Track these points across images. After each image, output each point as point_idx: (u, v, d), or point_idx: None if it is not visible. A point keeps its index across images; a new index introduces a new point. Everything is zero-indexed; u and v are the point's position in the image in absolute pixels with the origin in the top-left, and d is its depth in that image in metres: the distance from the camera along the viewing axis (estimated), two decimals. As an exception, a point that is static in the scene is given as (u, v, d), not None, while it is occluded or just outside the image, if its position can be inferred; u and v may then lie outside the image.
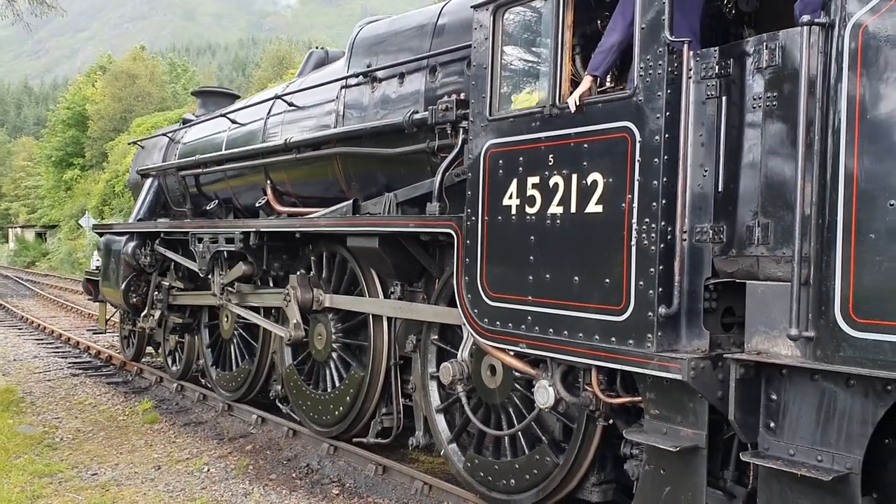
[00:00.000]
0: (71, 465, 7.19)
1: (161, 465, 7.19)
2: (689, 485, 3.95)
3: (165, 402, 9.86)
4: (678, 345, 3.89)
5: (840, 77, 3.26)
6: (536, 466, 5.13)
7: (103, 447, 7.83)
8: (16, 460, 7.22)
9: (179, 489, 6.53)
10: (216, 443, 7.95)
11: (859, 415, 3.32)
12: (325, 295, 7.10)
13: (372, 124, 6.47)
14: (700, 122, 3.92)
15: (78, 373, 11.88)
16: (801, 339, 3.35)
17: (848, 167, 3.21)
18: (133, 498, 6.28)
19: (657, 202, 3.87)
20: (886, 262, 3.09)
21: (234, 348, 8.95)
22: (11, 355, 13.57)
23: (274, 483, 6.66)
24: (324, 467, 6.99)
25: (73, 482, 6.69)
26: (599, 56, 4.31)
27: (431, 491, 6.00)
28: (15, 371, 11.99)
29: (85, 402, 9.95)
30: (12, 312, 21.23)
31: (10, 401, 9.54)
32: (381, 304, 6.52)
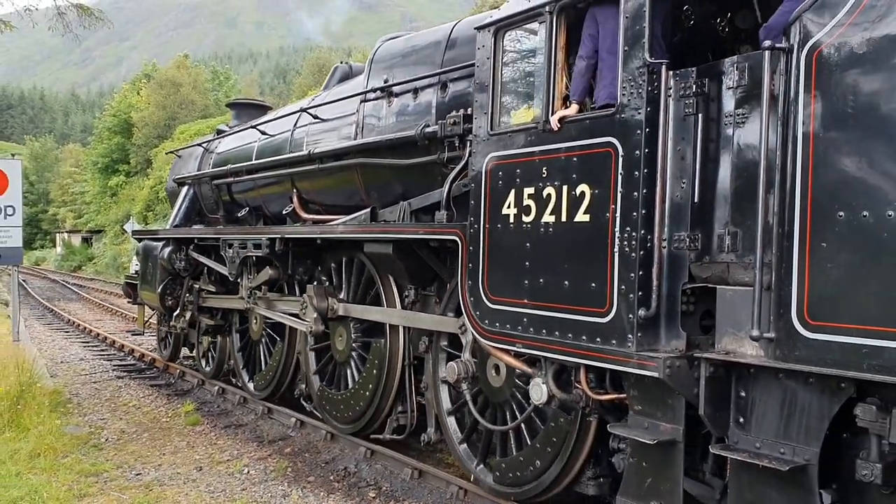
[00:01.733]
0: (116, 464, 7.34)
1: (203, 466, 7.31)
2: (668, 476, 4.23)
3: (207, 405, 10.02)
4: (657, 345, 4.18)
5: (797, 97, 3.52)
6: (538, 460, 5.44)
7: (147, 448, 8.00)
8: (63, 459, 7.37)
9: (220, 490, 6.63)
10: (256, 445, 8.07)
11: (817, 410, 3.58)
12: (339, 304, 7.50)
13: (388, 137, 6.83)
14: (680, 137, 4.20)
15: (122, 375, 12.18)
16: (762, 340, 3.62)
17: (804, 181, 3.47)
18: (175, 498, 6.39)
19: (637, 212, 4.16)
20: (836, 268, 3.35)
21: (263, 349, 9.39)
22: (59, 357, 13.90)
23: (312, 485, 6.75)
24: (361, 470, 7.08)
25: (117, 482, 6.83)
26: (576, 81, 4.62)
27: (467, 496, 6.06)
28: (62, 373, 12.25)
29: (129, 403, 10.18)
30: (60, 316, 21.74)
31: (58, 402, 9.68)
32: (390, 314, 6.91)
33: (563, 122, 4.65)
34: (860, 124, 3.30)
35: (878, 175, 3.23)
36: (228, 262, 9.05)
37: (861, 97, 3.30)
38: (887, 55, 3.22)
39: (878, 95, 3.25)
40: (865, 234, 3.25)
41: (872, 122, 3.26)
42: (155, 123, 48.04)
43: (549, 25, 4.79)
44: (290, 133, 8.77)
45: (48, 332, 18.17)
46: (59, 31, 18.09)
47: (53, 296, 29.96)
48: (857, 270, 3.29)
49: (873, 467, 3.40)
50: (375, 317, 7.09)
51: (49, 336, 17.23)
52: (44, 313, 23.20)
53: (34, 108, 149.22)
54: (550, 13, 4.78)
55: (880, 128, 3.24)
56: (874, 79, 3.27)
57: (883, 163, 3.22)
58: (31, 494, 6.19)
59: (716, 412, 3.95)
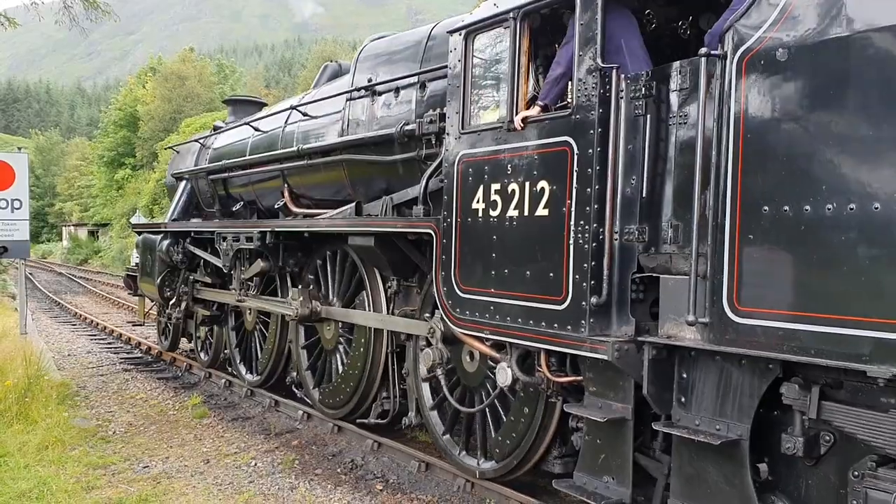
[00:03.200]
0: (123, 457, 7.37)
1: (210, 459, 7.34)
2: (619, 452, 4.54)
3: (214, 398, 10.07)
4: (609, 330, 4.47)
5: (729, 100, 3.81)
6: (508, 441, 5.77)
7: (154, 441, 8.03)
8: (71, 452, 7.40)
9: (228, 482, 6.66)
10: (263, 438, 8.11)
11: (748, 390, 3.89)
12: (321, 307, 7.87)
13: (371, 134, 7.12)
14: (631, 137, 4.48)
15: (129, 368, 12.23)
16: (698, 325, 3.92)
17: (734, 178, 3.76)
18: (183, 490, 6.41)
19: (590, 207, 4.46)
20: (761, 259, 3.65)
21: (256, 339, 9.73)
22: (66, 350, 13.96)
23: (319, 478, 6.80)
24: (368, 463, 7.14)
25: (125, 474, 6.86)
26: (547, 86, 4.91)
27: (473, 488, 6.13)
28: (69, 366, 12.30)
29: (136, 396, 10.23)
30: (66, 309, 21.86)
31: (66, 394, 9.70)
32: (367, 317, 7.28)
33: (526, 122, 4.94)
34: (782, 126, 3.59)
35: (797, 173, 3.52)
36: (223, 255, 9.38)
37: (783, 101, 3.59)
38: (806, 63, 3.51)
39: (797, 100, 3.54)
40: (786, 227, 3.54)
41: (793, 124, 3.55)
42: (160, 117, 48.05)
43: (513, 30, 5.08)
44: (281, 129, 9.07)
45: (55, 325, 18.30)
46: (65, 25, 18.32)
47: (60, 289, 30.11)
48: (779, 260, 3.58)
49: (796, 441, 3.71)
50: (356, 320, 7.44)
51: (56, 329, 17.34)
52: (51, 306, 23.35)
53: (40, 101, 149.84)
54: (514, 19, 5.07)
55: (799, 130, 3.52)
56: (794, 85, 3.55)
57: (801, 162, 3.50)
58: (40, 486, 6.23)
59: (660, 392, 4.25)
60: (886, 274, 3.19)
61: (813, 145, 3.47)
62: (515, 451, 5.71)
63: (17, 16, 19.78)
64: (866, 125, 3.28)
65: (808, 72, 3.50)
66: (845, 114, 3.36)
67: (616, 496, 4.52)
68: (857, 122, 3.32)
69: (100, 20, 18.96)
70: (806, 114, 3.50)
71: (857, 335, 3.27)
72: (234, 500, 6.14)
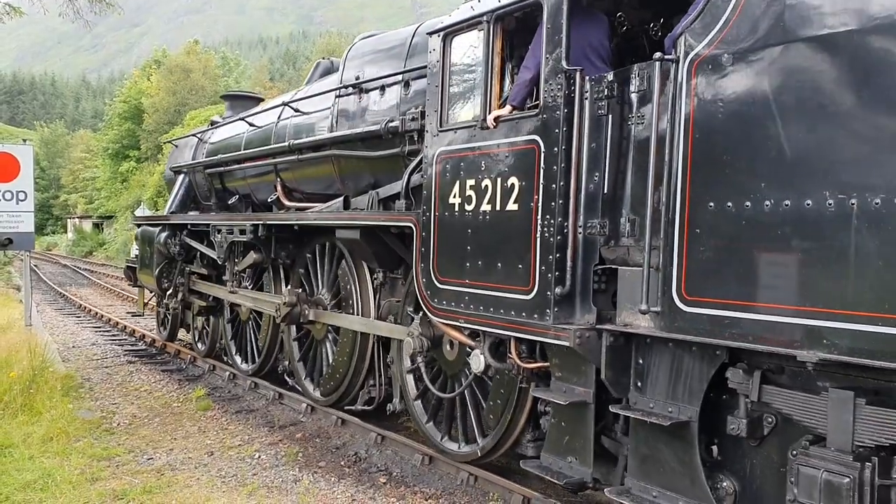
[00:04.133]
0: (127, 449, 7.37)
1: (214, 451, 7.37)
2: (581, 434, 4.80)
3: (218, 390, 10.09)
4: (572, 319, 4.72)
5: (680, 102, 4.05)
6: (485, 425, 6.04)
7: (158, 433, 8.04)
8: (76, 443, 7.40)
9: (231, 475, 6.68)
10: (267, 430, 8.13)
11: (697, 374, 4.13)
12: (310, 309, 8.14)
13: (358, 130, 7.37)
14: (594, 135, 4.71)
15: (134, 360, 12.22)
16: (650, 313, 4.16)
17: (684, 175, 4.00)
18: (187, 482, 6.41)
19: (556, 202, 4.71)
20: (706, 251, 3.89)
21: (250, 330, 10.01)
22: (70, 342, 13.96)
23: (323, 470, 6.84)
24: (371, 456, 7.18)
25: (129, 466, 6.87)
26: (516, 88, 5.14)
27: (477, 482, 6.17)
28: (74, 357, 12.28)
29: (141, 388, 10.22)
30: (71, 301, 21.88)
31: (70, 386, 9.69)
32: (351, 321, 7.55)
33: (497, 120, 5.19)
34: (725, 127, 3.82)
35: (738, 171, 3.75)
36: (217, 247, 9.65)
37: (726, 104, 3.83)
38: (747, 69, 3.74)
39: (738, 104, 3.77)
40: (729, 223, 3.78)
41: (734, 126, 3.79)
42: (165, 109, 48.02)
43: (486, 33, 5.32)
44: (274, 125, 9.31)
45: (60, 316, 18.33)
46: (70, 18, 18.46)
47: (65, 281, 30.08)
48: (722, 253, 3.82)
49: (740, 422, 3.95)
50: (342, 323, 7.72)
51: (61, 321, 17.38)
52: (55, 298, 23.44)
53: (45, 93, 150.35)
54: (488, 22, 5.31)
55: (740, 131, 3.76)
56: (736, 89, 3.79)
57: (742, 161, 3.74)
58: (44, 478, 6.27)
59: (618, 377, 4.50)
60: (816, 267, 3.43)
61: (752, 145, 3.71)
62: (492, 435, 5.97)
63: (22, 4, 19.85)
64: (799, 127, 3.52)
65: (748, 77, 3.74)
66: (780, 117, 3.59)
67: (578, 475, 4.78)
68: (791, 125, 3.55)
69: (104, 13, 19.02)
70: (746, 116, 3.74)
71: (790, 323, 3.52)
72: (237, 493, 6.17)
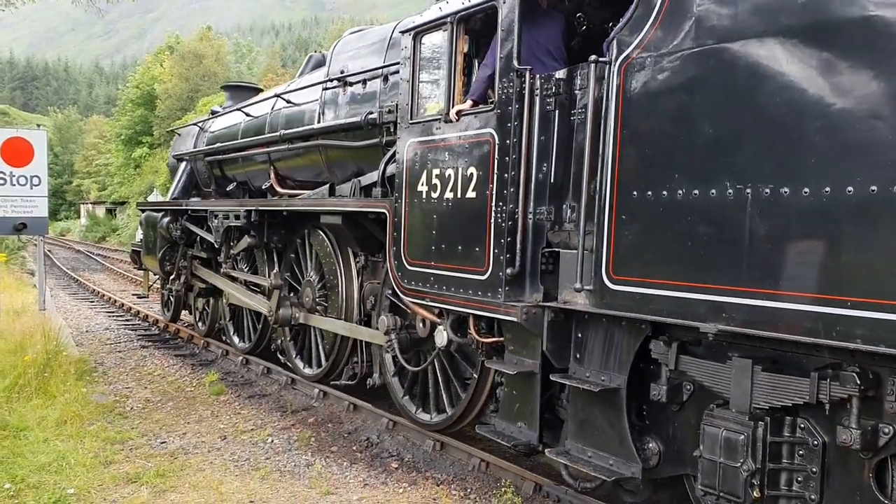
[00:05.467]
0: (141, 433, 7.44)
1: (227, 436, 7.44)
2: (529, 401, 5.26)
3: (231, 375, 10.17)
4: (522, 297, 5.18)
5: (611, 101, 4.48)
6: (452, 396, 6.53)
7: (172, 417, 8.11)
8: (89, 427, 7.48)
9: (244, 459, 6.75)
10: (279, 415, 8.21)
11: (625, 346, 4.59)
12: (300, 312, 8.64)
13: (341, 121, 7.83)
14: (543, 129, 5.14)
15: (147, 345, 12.33)
16: (584, 291, 4.61)
17: (612, 166, 4.43)
18: (200, 466, 6.49)
19: (507, 190, 5.15)
20: (630, 235, 4.32)
21: (246, 312, 10.52)
22: (84, 327, 14.07)
23: (335, 455, 6.92)
24: (383, 441, 7.25)
25: (142, 449, 6.93)
26: (476, 84, 5.58)
27: (489, 468, 6.24)
28: (88, 342, 12.37)
29: (154, 373, 10.30)
30: (84, 286, 22.01)
31: (84, 370, 9.73)
32: (335, 324, 8.02)
33: (459, 114, 5.63)
34: (647, 123, 4.25)
35: (657, 163, 4.19)
36: (214, 231, 10.14)
37: (648, 103, 4.26)
38: (665, 72, 4.16)
39: (658, 103, 4.20)
40: (649, 209, 4.21)
41: (654, 123, 4.21)
42: (178, 95, 48.27)
43: (450, 33, 5.75)
44: (268, 115, 9.79)
45: (73, 301, 18.48)
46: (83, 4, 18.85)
47: (78, 266, 30.23)
48: (643, 237, 4.26)
49: (661, 389, 4.40)
50: (327, 327, 8.21)
51: (74, 306, 17.54)
52: (69, 283, 23.59)
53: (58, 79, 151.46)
54: (451, 23, 5.74)
55: (659, 127, 4.19)
56: (656, 90, 4.21)
57: (660, 154, 4.17)
58: (59, 460, 6.35)
59: (560, 350, 4.96)
60: (717, 249, 3.87)
61: (668, 141, 4.14)
62: (459, 405, 6.45)
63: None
64: (704, 125, 3.95)
65: (665, 80, 4.16)
66: (690, 115, 4.02)
67: (525, 438, 5.25)
68: (698, 123, 3.98)
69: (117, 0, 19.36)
70: (662, 114, 4.17)
71: (696, 299, 3.96)
72: (250, 476, 6.26)
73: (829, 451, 3.78)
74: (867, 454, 3.61)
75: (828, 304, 3.42)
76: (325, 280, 8.43)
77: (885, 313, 3.23)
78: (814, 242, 3.50)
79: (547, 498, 5.70)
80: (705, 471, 4.05)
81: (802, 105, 3.55)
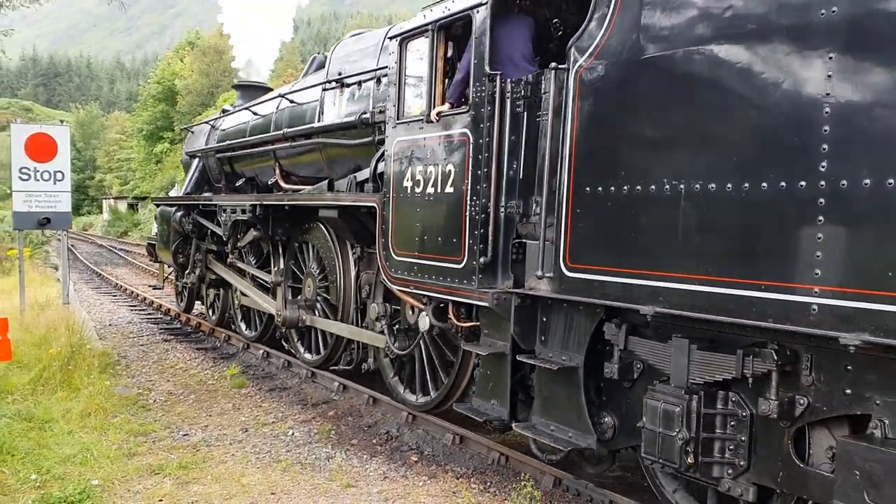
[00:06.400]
0: (164, 425, 7.53)
1: (248, 428, 7.54)
2: (501, 380, 5.70)
3: (252, 368, 10.30)
4: (495, 284, 5.61)
5: (568, 104, 4.90)
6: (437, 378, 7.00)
7: (194, 409, 8.22)
8: (113, 419, 7.58)
9: (266, 451, 6.83)
10: (300, 408, 8.31)
11: (583, 328, 5.02)
12: (307, 315, 9.09)
13: (338, 121, 8.29)
14: (514, 129, 5.56)
15: (169, 338, 12.50)
16: (545, 279, 5.05)
17: (569, 165, 4.86)
18: (222, 458, 6.57)
19: (481, 185, 5.59)
20: (584, 227, 4.75)
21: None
22: (107, 320, 14.33)
23: (355, 448, 6.99)
24: (403, 435, 7.32)
25: (165, 442, 7.03)
26: (454, 87, 6.00)
27: (508, 462, 6.30)
28: (111, 336, 12.56)
29: (176, 366, 10.46)
30: (107, 280, 22.30)
31: (107, 363, 9.85)
32: (340, 328, 8.47)
33: (439, 115, 6.06)
34: (598, 125, 4.68)
35: (606, 162, 4.61)
36: (223, 225, 10.66)
37: (598, 107, 4.68)
38: (612, 79, 4.58)
39: (607, 107, 4.62)
40: (599, 204, 4.64)
41: (603, 125, 4.64)
42: (198, 91, 48.68)
43: (431, 39, 6.19)
44: (273, 114, 10.27)
45: (96, 295, 18.74)
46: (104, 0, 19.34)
47: (101, 260, 30.65)
48: (595, 229, 4.68)
49: (613, 368, 4.82)
50: (333, 329, 8.65)
51: (97, 299, 17.77)
52: (92, 277, 23.92)
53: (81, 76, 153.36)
54: (432, 30, 6.18)
55: (607, 128, 4.61)
56: (605, 95, 4.63)
57: (609, 153, 4.59)
58: (83, 452, 6.44)
59: (526, 333, 5.40)
60: (656, 239, 4.29)
61: (614, 141, 4.56)
62: (443, 387, 6.91)
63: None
64: (648, 127, 4.37)
65: (613, 86, 4.58)
66: (633, 118, 4.44)
67: (497, 414, 5.69)
68: (640, 125, 4.40)
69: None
70: (610, 117, 4.59)
71: (638, 284, 4.38)
72: (272, 469, 6.36)
73: (755, 422, 4.19)
74: (786, 423, 4.02)
75: (745, 287, 3.84)
76: (325, 271, 8.90)
77: (791, 295, 3.64)
78: (734, 233, 3.91)
79: (567, 492, 5.78)
80: (647, 440, 4.48)
81: (723, 109, 3.96)
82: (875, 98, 3.39)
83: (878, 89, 3.37)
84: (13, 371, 8.37)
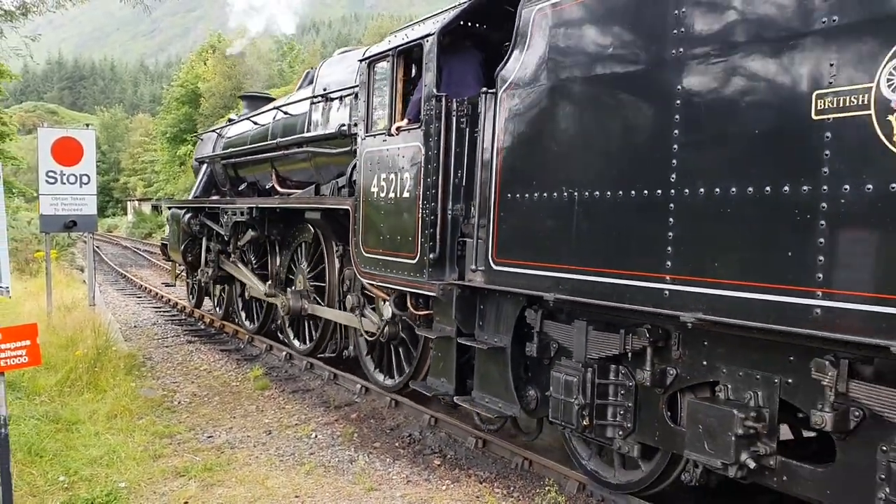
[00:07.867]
0: (188, 427, 7.55)
1: (272, 430, 7.57)
2: (448, 360, 6.57)
3: (275, 370, 10.34)
4: (443, 276, 6.47)
5: (496, 122, 5.75)
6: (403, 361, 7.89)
7: (218, 411, 8.25)
8: (139, 421, 7.61)
9: (289, 454, 6.85)
10: (323, 410, 8.35)
11: (510, 314, 5.86)
12: (308, 304, 9.93)
13: (323, 132, 9.19)
14: (458, 143, 6.42)
15: (193, 339, 12.59)
16: (479, 272, 5.90)
17: (496, 174, 5.71)
18: (246, 461, 6.59)
19: (430, 192, 6.45)
20: (507, 228, 5.60)
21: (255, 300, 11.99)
22: (132, 322, 14.41)
23: (378, 451, 7.00)
24: (425, 438, 7.33)
25: (190, 443, 7.05)
26: (411, 105, 6.86)
27: (532, 466, 6.30)
28: (136, 337, 12.66)
29: (200, 367, 10.52)
30: (132, 281, 22.28)
31: (133, 365, 9.93)
32: (337, 315, 9.27)
33: (398, 130, 6.93)
34: (516, 141, 5.53)
35: (522, 172, 5.46)
36: (224, 226, 11.61)
37: (516, 125, 5.53)
38: (525, 102, 5.43)
39: (523, 125, 5.47)
40: (518, 208, 5.49)
41: (520, 140, 5.49)
42: (221, 93, 48.54)
43: (391, 63, 7.07)
44: (270, 125, 11.20)
45: (121, 297, 18.80)
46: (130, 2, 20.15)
47: (126, 262, 30.68)
48: (515, 229, 5.54)
49: (532, 347, 5.67)
50: (329, 315, 9.50)
51: (122, 301, 17.85)
52: (116, 279, 23.92)
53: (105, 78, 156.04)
54: (393, 55, 7.05)
55: (522, 144, 5.46)
56: (521, 114, 5.48)
57: (524, 164, 5.44)
58: (110, 454, 6.46)
59: (467, 319, 6.26)
60: (558, 238, 5.13)
61: (528, 155, 5.42)
62: (408, 370, 7.79)
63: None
64: (551, 142, 5.21)
65: (526, 108, 5.44)
66: (541, 135, 5.29)
67: (444, 390, 6.57)
68: (547, 140, 5.25)
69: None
70: (524, 135, 5.45)
71: (546, 275, 5.23)
72: (295, 471, 6.38)
73: (639, 390, 5.02)
74: (660, 390, 4.84)
75: (620, 277, 4.68)
76: (315, 267, 9.81)
77: (651, 283, 4.47)
78: (611, 232, 4.75)
79: (591, 497, 5.79)
80: (553, 406, 5.32)
81: (596, 133, 4.83)
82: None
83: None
84: (41, 373, 8.33)
